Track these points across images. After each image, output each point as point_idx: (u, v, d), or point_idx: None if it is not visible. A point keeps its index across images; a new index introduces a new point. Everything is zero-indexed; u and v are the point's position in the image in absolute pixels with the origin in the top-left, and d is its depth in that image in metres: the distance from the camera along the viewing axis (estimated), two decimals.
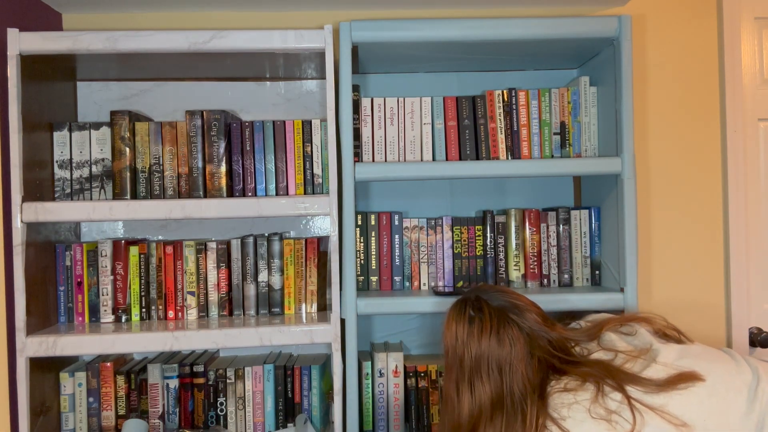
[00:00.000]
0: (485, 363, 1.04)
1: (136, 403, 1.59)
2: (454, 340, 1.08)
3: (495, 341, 1.05)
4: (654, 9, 1.82)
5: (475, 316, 1.08)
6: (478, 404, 1.03)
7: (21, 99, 1.41)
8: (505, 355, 1.04)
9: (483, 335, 1.05)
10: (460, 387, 1.06)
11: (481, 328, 1.06)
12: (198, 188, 1.54)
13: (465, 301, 1.12)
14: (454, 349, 1.08)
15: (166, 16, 1.78)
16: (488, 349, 1.04)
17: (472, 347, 1.06)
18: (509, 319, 1.07)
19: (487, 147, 1.60)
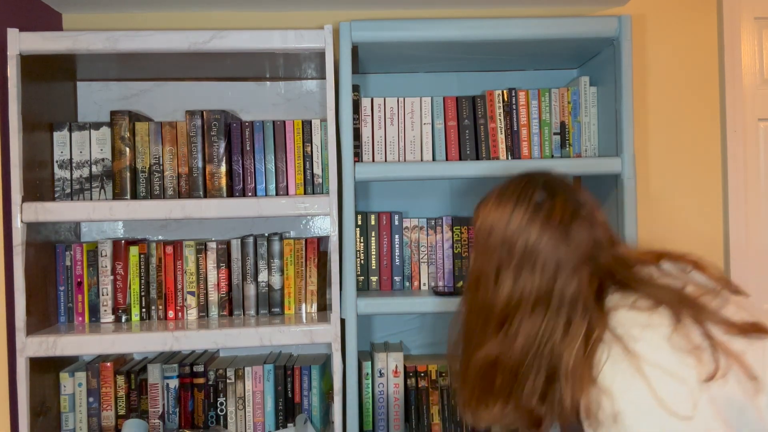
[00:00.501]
0: (542, 257, 0.90)
1: (136, 403, 1.58)
2: (507, 223, 0.93)
3: (561, 236, 0.90)
4: (654, 9, 1.82)
5: (545, 203, 0.93)
6: (519, 294, 0.90)
7: (21, 99, 1.41)
8: (568, 254, 0.89)
9: (549, 226, 0.90)
10: (502, 271, 0.92)
11: (548, 217, 0.91)
12: (198, 188, 1.54)
13: (533, 182, 0.97)
14: (503, 231, 0.93)
15: (166, 16, 1.78)
16: (550, 243, 0.89)
17: (530, 236, 0.90)
18: (581, 216, 0.92)
19: (487, 147, 1.60)
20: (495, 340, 0.91)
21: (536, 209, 0.92)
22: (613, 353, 0.83)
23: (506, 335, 0.90)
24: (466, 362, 0.97)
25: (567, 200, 0.93)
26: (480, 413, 0.95)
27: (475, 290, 0.96)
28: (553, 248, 0.89)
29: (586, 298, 0.88)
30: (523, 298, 0.90)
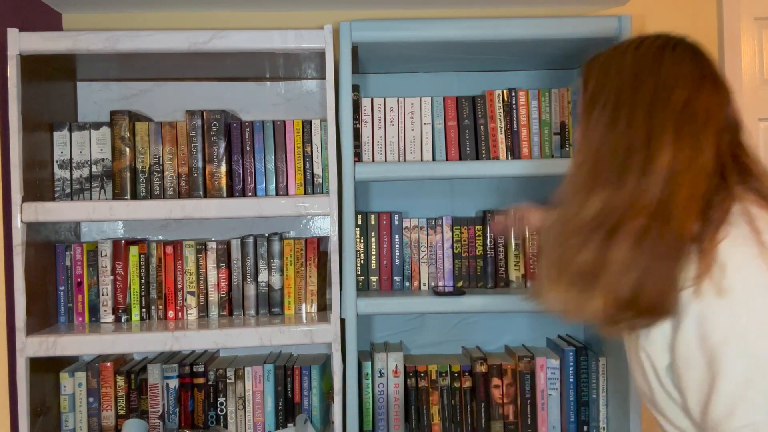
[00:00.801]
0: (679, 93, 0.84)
1: (136, 403, 1.59)
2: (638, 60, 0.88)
3: (711, 83, 0.86)
4: (654, 9, 1.82)
5: (689, 47, 0.89)
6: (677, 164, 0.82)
7: (21, 99, 1.41)
8: (713, 101, 0.85)
9: (693, 69, 0.86)
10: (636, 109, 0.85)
11: (702, 76, 0.87)
12: (198, 188, 1.54)
13: (670, 38, 0.91)
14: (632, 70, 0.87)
15: (166, 16, 1.78)
16: (689, 81, 0.85)
17: (668, 75, 0.85)
18: (728, 90, 0.89)
19: (487, 147, 1.60)
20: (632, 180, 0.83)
21: (683, 61, 0.87)
22: (734, 234, 0.80)
23: (644, 175, 0.82)
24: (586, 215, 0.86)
25: (716, 67, 0.89)
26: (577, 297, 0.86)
27: (613, 127, 0.86)
28: (696, 86, 0.85)
29: (724, 161, 0.84)
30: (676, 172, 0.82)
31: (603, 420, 1.63)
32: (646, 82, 0.86)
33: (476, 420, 1.63)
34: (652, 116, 0.84)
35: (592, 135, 0.88)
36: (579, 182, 0.88)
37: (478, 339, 1.80)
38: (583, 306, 0.84)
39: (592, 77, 0.92)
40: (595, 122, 0.88)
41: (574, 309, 0.85)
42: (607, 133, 0.86)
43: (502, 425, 1.62)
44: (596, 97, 0.90)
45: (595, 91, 0.91)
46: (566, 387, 1.62)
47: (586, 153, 0.88)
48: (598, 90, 0.90)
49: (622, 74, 0.88)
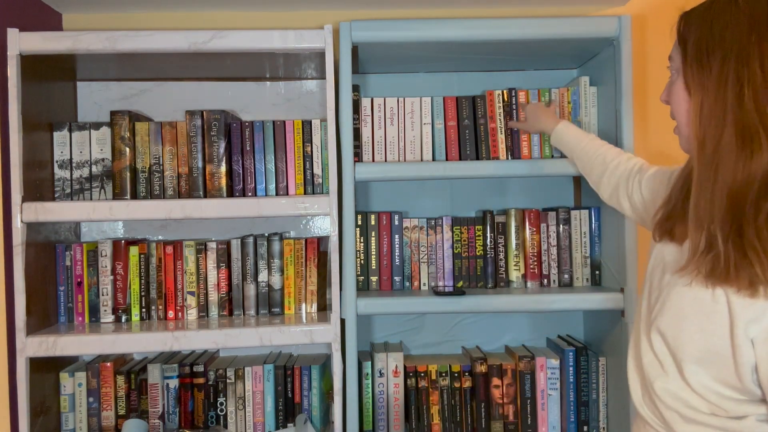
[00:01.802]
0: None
1: (136, 403, 1.59)
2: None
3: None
4: (654, 9, 1.82)
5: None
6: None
7: (21, 99, 1.41)
8: None
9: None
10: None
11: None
12: (198, 188, 1.54)
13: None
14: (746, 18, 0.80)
15: (166, 16, 1.78)
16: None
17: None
18: None
19: (487, 147, 1.60)
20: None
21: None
22: None
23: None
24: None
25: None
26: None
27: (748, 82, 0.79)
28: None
29: None
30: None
31: (603, 420, 1.63)
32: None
33: (476, 420, 1.63)
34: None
35: (722, 94, 0.80)
36: (730, 146, 0.80)
37: (478, 339, 1.80)
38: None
39: (694, 30, 0.86)
40: (716, 79, 0.81)
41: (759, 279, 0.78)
42: (741, 89, 0.79)
43: (502, 425, 1.62)
44: (709, 50, 0.82)
45: (703, 44, 0.83)
46: (566, 387, 1.62)
47: (724, 114, 0.80)
48: (708, 42, 0.83)
49: (737, 22, 0.81)
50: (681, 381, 0.87)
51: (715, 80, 0.81)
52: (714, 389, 0.84)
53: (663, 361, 0.89)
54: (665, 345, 0.88)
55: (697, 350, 0.84)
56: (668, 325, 0.88)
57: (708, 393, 0.84)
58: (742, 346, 0.80)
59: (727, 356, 0.81)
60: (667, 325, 0.88)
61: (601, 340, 1.68)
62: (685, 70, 0.87)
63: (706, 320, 0.83)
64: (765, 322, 0.78)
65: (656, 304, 0.91)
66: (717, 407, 0.84)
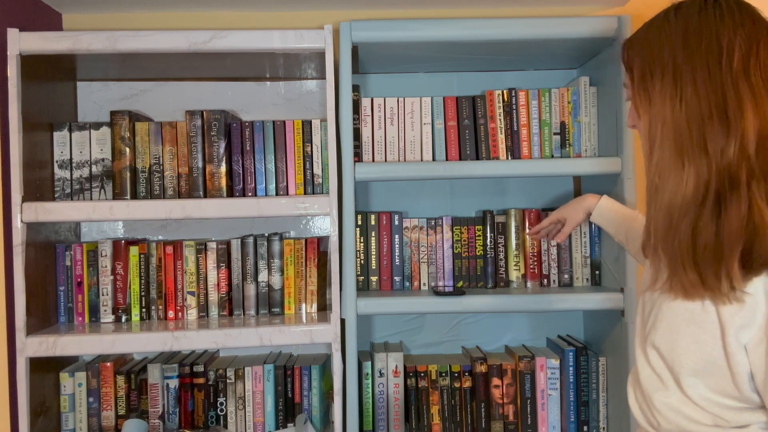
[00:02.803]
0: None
1: (136, 403, 1.59)
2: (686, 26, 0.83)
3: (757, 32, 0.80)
4: (654, 9, 1.81)
5: (735, 9, 0.83)
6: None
7: (21, 99, 1.41)
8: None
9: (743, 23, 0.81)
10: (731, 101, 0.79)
11: (750, 15, 0.82)
12: (198, 188, 1.54)
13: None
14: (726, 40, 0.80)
15: (166, 16, 1.78)
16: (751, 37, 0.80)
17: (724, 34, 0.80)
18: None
19: (487, 147, 1.60)
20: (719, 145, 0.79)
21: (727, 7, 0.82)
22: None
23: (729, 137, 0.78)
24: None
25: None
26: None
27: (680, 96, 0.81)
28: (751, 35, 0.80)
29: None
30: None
31: (603, 420, 1.63)
32: (699, 42, 0.81)
33: (476, 420, 1.63)
34: (715, 76, 0.80)
35: (661, 110, 0.83)
36: (667, 162, 0.83)
37: (478, 339, 1.80)
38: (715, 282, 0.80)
39: (636, 57, 0.88)
40: (658, 97, 0.84)
41: (707, 287, 0.80)
42: (675, 104, 0.82)
43: (502, 425, 1.62)
44: (650, 71, 0.85)
45: (645, 66, 0.86)
46: (566, 387, 1.62)
47: (662, 130, 0.83)
48: (650, 64, 0.85)
49: (670, 41, 0.84)
50: (681, 394, 0.86)
51: (658, 99, 0.84)
52: (714, 400, 0.84)
53: (661, 375, 0.89)
54: (661, 359, 0.88)
55: (693, 362, 0.84)
56: (662, 339, 0.87)
57: (709, 405, 0.84)
58: (735, 354, 0.80)
59: (723, 365, 0.81)
60: (661, 339, 0.88)
61: (601, 340, 1.68)
62: (634, 94, 0.89)
63: (699, 331, 0.83)
64: (755, 328, 0.78)
65: (649, 317, 0.91)
66: (719, 418, 0.84)
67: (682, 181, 0.81)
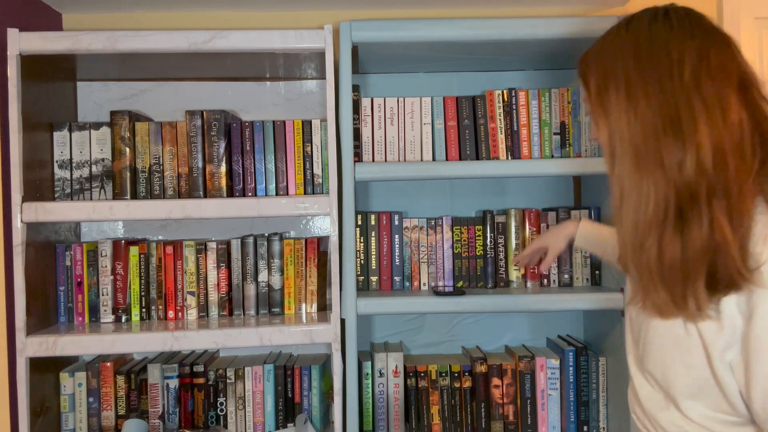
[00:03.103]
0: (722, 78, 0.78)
1: (136, 403, 1.58)
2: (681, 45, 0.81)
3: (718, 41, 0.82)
4: None
5: (685, 19, 0.84)
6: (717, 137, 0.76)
7: (21, 99, 1.41)
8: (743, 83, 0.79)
9: (697, 31, 0.82)
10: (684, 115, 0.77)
11: (700, 27, 0.83)
12: (198, 188, 1.54)
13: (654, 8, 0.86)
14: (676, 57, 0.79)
15: (166, 16, 1.78)
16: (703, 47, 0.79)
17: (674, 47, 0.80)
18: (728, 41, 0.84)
19: (487, 147, 1.60)
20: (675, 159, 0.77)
21: (680, 20, 0.83)
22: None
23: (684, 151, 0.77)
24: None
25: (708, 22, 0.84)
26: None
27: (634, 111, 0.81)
28: (701, 47, 0.80)
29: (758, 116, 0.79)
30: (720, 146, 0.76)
31: (603, 420, 1.63)
32: (649, 55, 0.81)
33: (476, 420, 1.63)
34: (666, 88, 0.79)
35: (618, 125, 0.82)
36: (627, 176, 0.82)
37: (478, 339, 1.80)
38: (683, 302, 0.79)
39: (591, 72, 0.87)
40: (614, 112, 0.83)
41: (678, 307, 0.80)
42: (630, 119, 0.81)
43: (502, 425, 1.62)
44: (605, 86, 0.84)
45: (600, 82, 0.85)
46: (566, 387, 1.62)
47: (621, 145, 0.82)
48: (604, 79, 0.85)
49: (623, 54, 0.83)
50: (681, 414, 0.86)
51: (614, 113, 0.83)
52: (715, 417, 0.84)
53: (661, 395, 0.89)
54: (657, 383, 0.89)
55: (687, 386, 0.84)
56: (655, 366, 0.88)
57: (710, 422, 0.84)
58: (724, 375, 0.80)
59: (715, 386, 0.81)
60: (654, 366, 0.88)
61: (601, 340, 1.68)
62: (592, 109, 0.88)
63: (687, 355, 0.83)
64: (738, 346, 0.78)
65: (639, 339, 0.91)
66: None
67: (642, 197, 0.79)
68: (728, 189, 0.76)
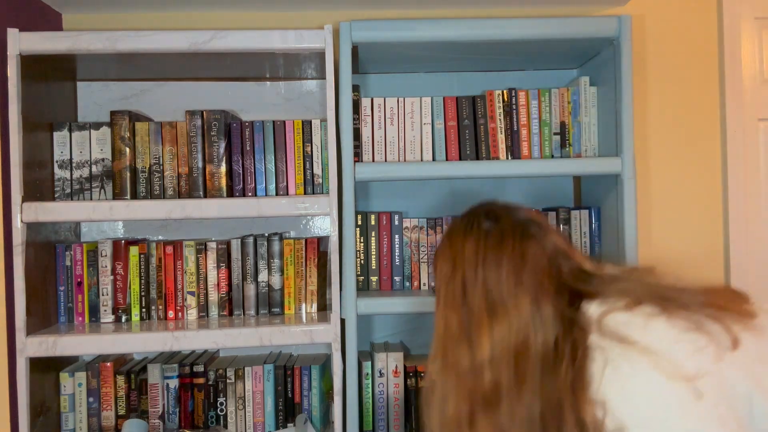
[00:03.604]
0: (508, 287, 0.83)
1: (136, 403, 1.58)
2: (462, 261, 0.87)
3: (519, 260, 0.84)
4: (654, 9, 1.82)
5: (493, 229, 0.88)
6: (501, 343, 0.81)
7: (21, 99, 1.41)
8: (531, 276, 0.83)
9: (503, 252, 0.85)
10: (473, 324, 0.83)
11: (500, 243, 0.86)
12: (198, 188, 1.54)
13: (476, 212, 0.93)
14: (463, 271, 0.86)
15: (166, 16, 1.78)
16: (510, 272, 0.83)
17: (490, 271, 0.84)
18: (531, 234, 0.87)
19: (487, 147, 1.60)
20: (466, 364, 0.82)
21: (487, 237, 0.88)
22: (612, 358, 0.77)
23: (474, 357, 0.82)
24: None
25: (514, 222, 0.89)
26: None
27: (447, 373, 0.84)
28: (515, 277, 0.84)
29: (562, 314, 0.82)
30: (507, 348, 0.81)
31: None
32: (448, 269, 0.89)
33: None
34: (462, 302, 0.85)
35: (435, 318, 0.90)
36: (436, 368, 0.86)
37: None
38: None
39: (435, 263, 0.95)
40: (437, 306, 0.90)
41: None
42: (439, 321, 0.88)
43: None
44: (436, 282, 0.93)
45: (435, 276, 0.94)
46: None
47: (435, 337, 0.89)
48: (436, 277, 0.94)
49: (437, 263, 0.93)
50: None
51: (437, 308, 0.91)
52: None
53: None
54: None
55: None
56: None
57: None
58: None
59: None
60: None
61: None
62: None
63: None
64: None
65: None
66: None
67: (444, 397, 0.84)
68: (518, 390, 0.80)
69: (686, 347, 0.76)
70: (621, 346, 0.77)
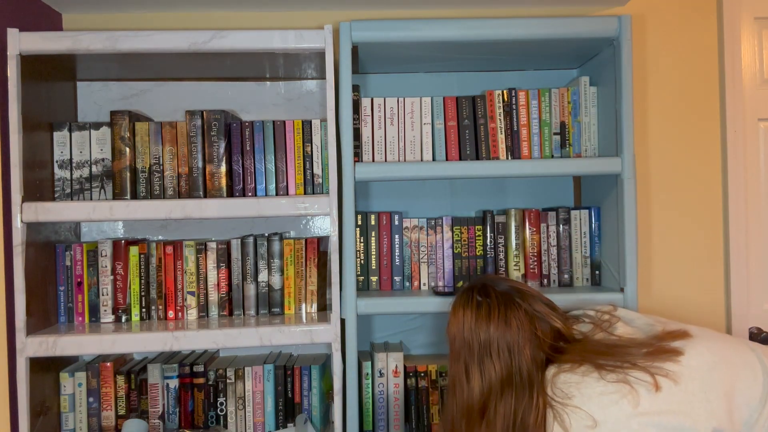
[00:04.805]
0: (494, 345, 1.10)
1: (136, 403, 1.59)
2: (462, 327, 1.13)
3: (503, 324, 1.10)
4: (654, 9, 1.82)
5: (483, 301, 1.13)
6: (488, 383, 1.08)
7: (21, 99, 1.41)
8: (514, 336, 1.09)
9: (491, 319, 1.11)
10: (470, 370, 1.11)
11: (489, 312, 1.12)
12: (198, 188, 1.54)
13: (471, 289, 1.17)
14: (462, 335, 1.12)
15: (166, 16, 1.78)
16: (497, 331, 1.10)
17: (480, 331, 1.11)
18: (515, 303, 1.12)
19: (487, 147, 1.60)
20: (480, 430, 1.08)
21: (478, 308, 1.13)
22: (558, 411, 1.01)
23: (488, 423, 1.07)
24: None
25: (498, 294, 1.13)
26: None
27: (453, 395, 1.13)
28: (501, 335, 1.09)
29: (539, 367, 1.08)
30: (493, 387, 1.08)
31: None
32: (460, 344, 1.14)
33: None
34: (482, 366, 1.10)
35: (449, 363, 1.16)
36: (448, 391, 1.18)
37: None
38: None
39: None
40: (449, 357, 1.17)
41: None
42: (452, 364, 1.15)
43: None
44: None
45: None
46: None
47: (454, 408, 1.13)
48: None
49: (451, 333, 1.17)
50: None
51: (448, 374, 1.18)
52: None
53: None
54: None
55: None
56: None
57: None
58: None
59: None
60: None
61: None
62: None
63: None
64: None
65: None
66: None
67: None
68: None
69: (610, 398, 0.99)
70: (563, 401, 1.02)
